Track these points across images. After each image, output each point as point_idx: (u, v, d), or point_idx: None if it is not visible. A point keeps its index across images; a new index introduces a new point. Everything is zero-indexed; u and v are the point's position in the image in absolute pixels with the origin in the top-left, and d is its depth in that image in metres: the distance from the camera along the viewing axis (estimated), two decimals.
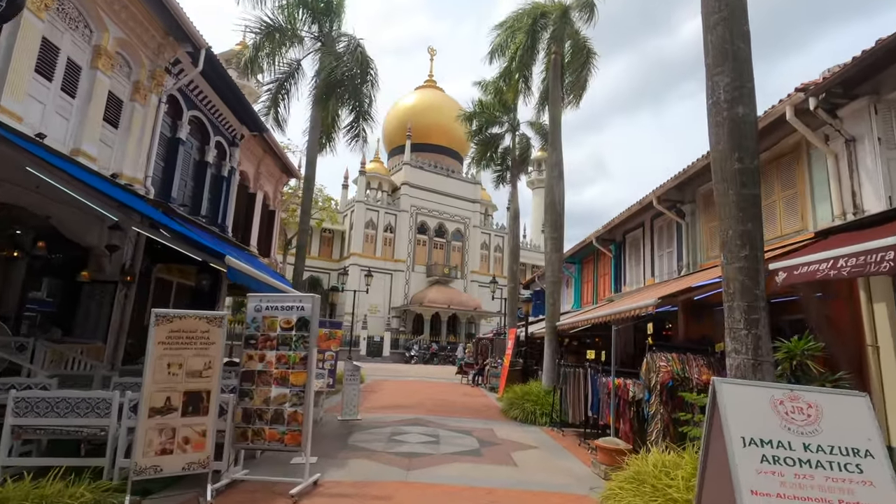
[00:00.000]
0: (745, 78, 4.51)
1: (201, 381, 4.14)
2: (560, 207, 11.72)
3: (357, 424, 8.41)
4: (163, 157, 10.80)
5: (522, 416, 9.87)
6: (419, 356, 33.33)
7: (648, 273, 13.21)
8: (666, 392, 6.03)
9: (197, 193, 12.40)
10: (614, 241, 15.56)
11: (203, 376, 4.16)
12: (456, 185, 43.49)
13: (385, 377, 19.93)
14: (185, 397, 4.05)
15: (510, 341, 14.69)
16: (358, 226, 38.58)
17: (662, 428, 5.96)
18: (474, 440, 7.58)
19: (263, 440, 4.64)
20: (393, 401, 12.26)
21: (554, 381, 10.81)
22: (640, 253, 13.86)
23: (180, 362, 4.07)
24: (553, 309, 11.32)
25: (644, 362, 6.43)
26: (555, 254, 11.53)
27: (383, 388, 15.50)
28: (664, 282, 11.27)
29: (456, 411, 10.91)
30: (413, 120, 42.70)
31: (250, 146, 15.47)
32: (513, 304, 17.20)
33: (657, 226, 12.87)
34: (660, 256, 12.68)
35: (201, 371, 4.15)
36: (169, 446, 3.92)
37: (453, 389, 16.19)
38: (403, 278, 39.76)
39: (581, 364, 9.53)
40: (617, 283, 15.33)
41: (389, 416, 9.65)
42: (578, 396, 8.50)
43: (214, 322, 4.30)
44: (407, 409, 10.87)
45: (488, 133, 18.65)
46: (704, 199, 10.63)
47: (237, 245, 13.90)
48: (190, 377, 4.10)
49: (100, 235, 8.59)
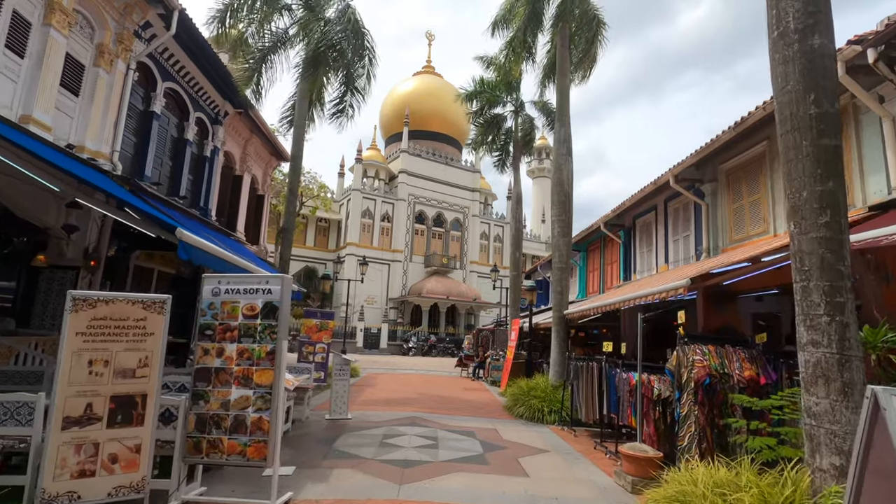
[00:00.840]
0: (820, 1, 3.59)
1: (135, 382, 3.26)
2: (568, 187, 10.81)
3: (346, 424, 7.56)
4: (134, 131, 9.85)
5: (529, 414, 9.04)
6: (417, 348, 32.54)
7: (662, 259, 12.34)
8: (702, 391, 5.16)
9: (176, 173, 11.45)
10: (623, 226, 14.68)
11: (137, 376, 3.28)
12: (455, 173, 42.47)
13: (381, 370, 19.11)
14: (113, 403, 3.17)
15: (513, 333, 13.84)
16: (354, 215, 37.61)
17: (697, 432, 5.11)
18: (477, 443, 6.73)
19: (221, 453, 3.77)
20: (388, 396, 11.43)
21: (562, 376, 9.98)
22: (652, 238, 12.98)
23: (106, 359, 3.18)
24: (560, 297, 10.45)
25: (673, 356, 5.56)
26: (562, 238, 10.64)
27: (379, 382, 14.68)
28: (680, 268, 10.42)
29: (456, 408, 10.07)
30: (411, 106, 41.58)
31: (236, 126, 14.50)
32: (515, 293, 16.34)
33: (672, 208, 11.97)
34: (675, 241, 11.80)
35: (135, 369, 3.27)
36: (90, 466, 3.05)
37: (453, 383, 15.37)
38: (401, 268, 38.88)
39: (591, 357, 8.69)
40: (626, 270, 14.47)
41: (383, 413, 8.81)
42: (592, 393, 7.65)
43: (154, 307, 3.41)
44: (403, 405, 10.03)
45: (490, 114, 17.67)
46: (728, 177, 9.73)
47: (221, 230, 12.99)
48: (119, 377, 3.22)
49: (57, 215, 7.67)
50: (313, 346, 12.98)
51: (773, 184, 8.35)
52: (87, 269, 8.29)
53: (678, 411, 5.44)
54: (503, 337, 18.15)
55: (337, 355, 8.18)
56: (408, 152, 40.09)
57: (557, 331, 10.27)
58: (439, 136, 43.49)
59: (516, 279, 16.48)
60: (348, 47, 10.67)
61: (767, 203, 8.49)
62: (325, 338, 13.20)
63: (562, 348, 10.17)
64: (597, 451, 6.65)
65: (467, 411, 9.76)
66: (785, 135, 3.64)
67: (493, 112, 17.70)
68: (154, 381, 3.34)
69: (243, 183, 15.11)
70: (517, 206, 17.04)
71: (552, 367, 10.17)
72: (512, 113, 17.74)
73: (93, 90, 8.39)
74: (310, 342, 12.97)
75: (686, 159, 10.01)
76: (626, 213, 14.27)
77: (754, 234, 8.78)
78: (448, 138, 44.12)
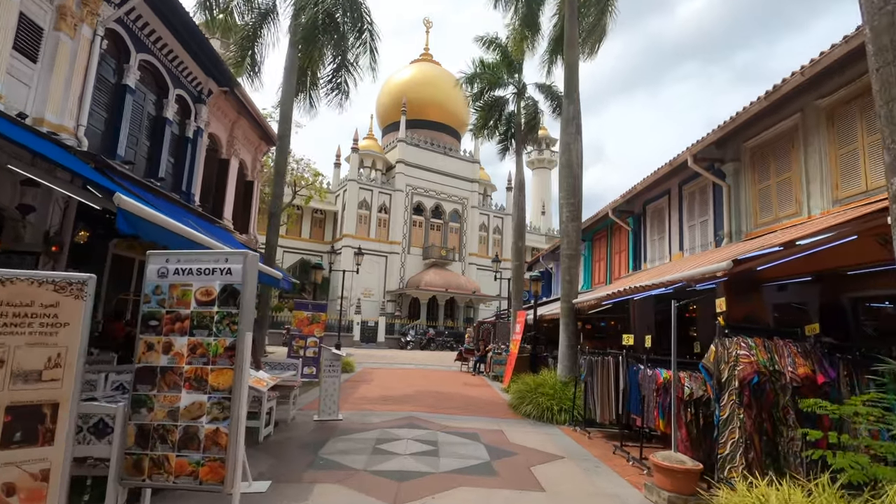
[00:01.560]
0: None
1: (41, 387, 2.47)
2: (578, 168, 10.02)
3: (336, 427, 6.80)
4: (105, 105, 9.00)
5: (536, 413, 8.29)
6: (416, 342, 31.82)
7: (676, 246, 11.58)
8: (749, 391, 4.41)
9: (154, 154, 10.61)
10: (632, 213, 13.90)
11: (45, 380, 2.49)
12: (453, 163, 41.57)
13: (378, 365, 18.37)
14: (9, 416, 2.39)
15: (518, 325, 13.09)
16: (351, 206, 36.74)
17: (744, 440, 4.36)
18: (482, 448, 5.98)
19: (167, 474, 2.99)
20: (384, 393, 10.68)
21: (572, 371, 9.24)
22: (664, 224, 12.21)
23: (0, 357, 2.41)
24: (570, 286, 9.69)
25: (711, 350, 4.81)
26: (571, 222, 9.85)
27: (375, 377, 13.93)
28: (697, 256, 9.66)
29: (457, 406, 9.33)
30: (408, 95, 40.59)
31: (221, 106, 13.63)
32: (518, 284, 15.58)
33: (687, 192, 11.19)
34: (690, 227, 11.03)
35: (41, 371, 2.48)
36: None
37: (453, 379, 14.64)
38: (399, 261, 38.08)
39: (603, 350, 7.95)
40: (636, 259, 13.71)
41: (378, 413, 8.06)
42: (608, 391, 6.90)
43: (70, 290, 2.62)
44: (399, 403, 9.28)
45: (491, 97, 16.81)
46: (753, 155, 8.95)
47: (205, 216, 12.17)
48: (19, 382, 2.43)
49: (11, 194, 6.85)
50: (304, 339, 12.22)
51: (807, 160, 7.57)
52: (49, 254, 7.47)
53: (717, 414, 4.69)
54: (505, 330, 17.41)
55: (327, 350, 7.41)
56: (405, 142, 39.15)
57: (566, 322, 9.51)
58: (437, 125, 42.54)
59: (519, 269, 15.71)
60: (342, 16, 9.82)
61: (800, 182, 7.71)
62: (317, 331, 12.44)
63: (571, 341, 9.42)
64: (617, 457, 5.91)
65: (469, 410, 9.02)
66: (884, 68, 2.84)
67: (494, 95, 16.84)
68: (70, 387, 2.55)
69: (230, 167, 14.26)
70: (520, 194, 16.24)
71: (561, 362, 9.42)
72: (514, 96, 16.88)
73: (53, 57, 7.53)
74: (301, 336, 12.21)
75: (706, 137, 9.23)
76: (636, 199, 13.49)
77: (784, 217, 8.01)
78: (446, 128, 43.18)
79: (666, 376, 5.46)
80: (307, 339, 12.17)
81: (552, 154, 55.92)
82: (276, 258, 34.40)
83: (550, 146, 55.81)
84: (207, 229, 11.38)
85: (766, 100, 7.50)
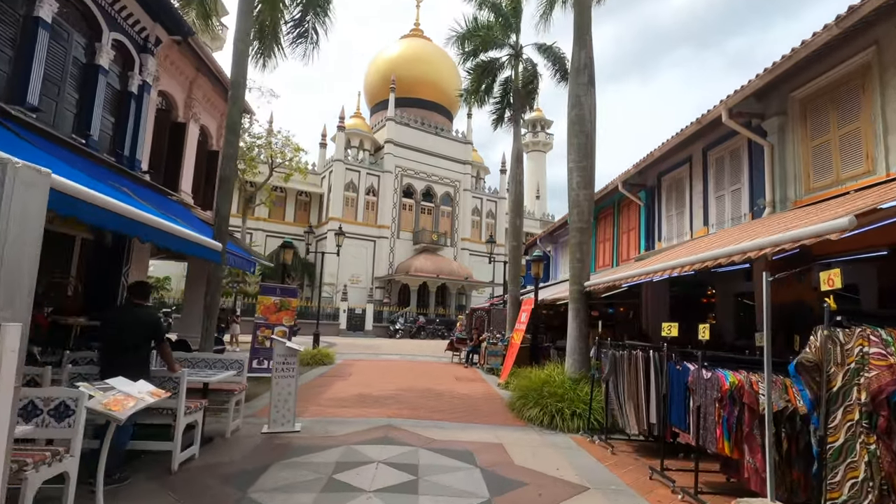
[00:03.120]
0: None
1: None
2: (590, 126, 8.43)
3: (288, 444, 5.25)
4: (9, 40, 7.23)
5: (543, 418, 6.80)
6: (405, 330, 30.35)
7: (699, 222, 10.08)
8: (889, 411, 2.90)
9: (84, 108, 8.84)
10: (645, 186, 12.38)
11: None
12: (445, 144, 39.75)
13: (361, 356, 16.84)
14: None
15: (524, 313, 11.56)
16: (337, 187, 34.91)
17: (875, 483, 2.87)
18: (478, 475, 4.47)
19: None
20: (361, 390, 9.15)
21: (584, 366, 7.76)
22: (684, 197, 10.70)
23: None
24: (581, 266, 8.17)
25: (812, 345, 3.28)
26: (583, 190, 8.30)
27: (354, 370, 12.40)
28: (730, 231, 8.16)
29: (447, 409, 7.83)
30: (397, 72, 38.57)
31: (176, 60, 11.82)
32: (515, 267, 14.05)
33: (714, 157, 9.66)
34: (718, 198, 9.52)
35: None
36: None
37: (443, 372, 13.15)
38: (388, 245, 36.42)
39: (616, 340, 6.47)
40: (648, 238, 12.22)
41: (348, 420, 6.52)
42: (637, 394, 5.42)
43: None
44: (377, 405, 7.76)
45: (485, 58, 15.09)
46: (804, 106, 7.40)
47: (154, 187, 10.45)
48: None
49: None
50: (271, 329, 10.65)
51: (885, 104, 6.04)
52: None
53: (818, 437, 3.19)
54: (500, 318, 15.92)
55: (279, 343, 5.82)
56: (394, 121, 37.24)
57: (577, 309, 8.00)
58: (429, 104, 40.64)
59: (516, 251, 14.17)
60: None
61: (873, 132, 6.19)
62: (287, 319, 10.87)
63: (582, 331, 7.92)
64: (657, 486, 4.42)
65: (461, 413, 7.52)
66: None
67: (488, 56, 15.13)
68: None
69: (188, 133, 12.48)
70: (517, 166, 14.64)
71: (570, 355, 7.93)
72: (510, 58, 15.19)
73: None
74: (266, 324, 10.64)
75: (745, 86, 7.67)
76: (649, 170, 11.95)
77: (849, 178, 6.50)
78: (438, 107, 41.29)
79: (733, 381, 3.95)
80: (274, 328, 10.60)
81: (547, 136, 54.25)
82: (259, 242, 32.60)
83: (545, 128, 54.10)
84: (158, 203, 9.69)
85: (836, 26, 5.92)
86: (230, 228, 19.27)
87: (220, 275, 7.83)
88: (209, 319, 7.73)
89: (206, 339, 7.64)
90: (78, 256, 10.06)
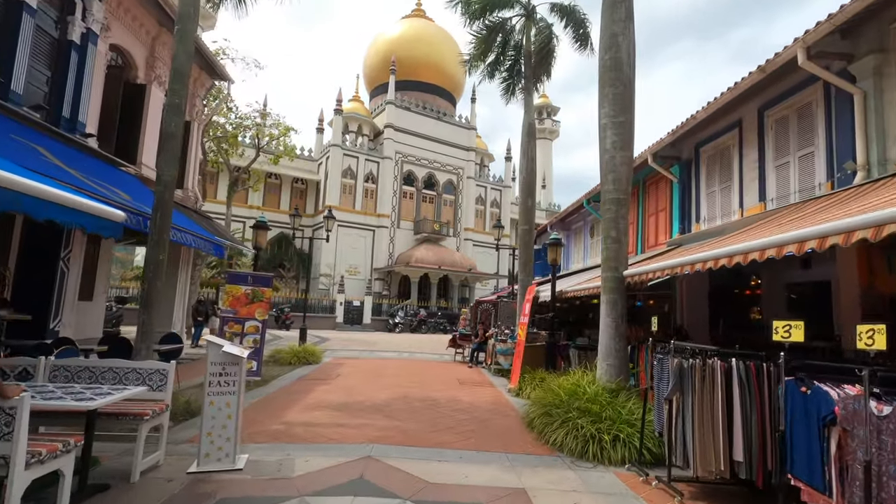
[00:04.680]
0: None
1: None
2: (629, 71, 6.73)
3: (218, 491, 3.63)
4: None
5: (573, 444, 5.16)
6: (405, 324, 28.76)
7: (752, 197, 8.38)
8: None
9: (3, 56, 7.19)
10: (679, 159, 10.66)
11: None
12: (448, 129, 37.91)
13: (354, 353, 15.24)
14: None
15: (527, 305, 9.92)
16: (334, 174, 33.20)
17: None
18: None
19: None
20: (344, 399, 7.54)
21: (621, 371, 6.13)
22: (731, 169, 9.00)
23: None
24: (618, 247, 6.50)
25: None
26: (620, 152, 6.60)
27: (342, 372, 10.79)
28: (789, 207, 6.47)
29: (447, 426, 6.21)
30: (398, 53, 36.68)
31: (134, 11, 10.13)
32: (526, 252, 12.38)
33: (773, 118, 7.94)
34: (780, 167, 7.82)
35: None
36: None
37: (444, 373, 11.53)
38: (387, 235, 34.75)
39: (647, 338, 4.86)
40: (683, 220, 10.51)
41: (316, 448, 4.91)
42: (714, 421, 3.77)
43: None
44: (360, 421, 6.14)
45: (493, 18, 13.31)
46: None
47: (99, 155, 8.81)
48: None
49: None
50: (241, 324, 9.04)
51: None
52: None
53: None
54: (508, 311, 14.28)
55: (213, 346, 4.18)
56: (394, 104, 35.43)
57: (612, 301, 6.33)
58: (431, 87, 38.79)
59: (527, 235, 12.49)
60: None
61: None
62: (260, 312, 9.22)
63: (619, 329, 6.26)
64: None
65: (467, 433, 5.89)
66: None
67: (497, 16, 13.34)
68: None
69: (150, 98, 10.81)
70: (530, 141, 12.91)
71: (603, 359, 6.28)
72: (522, 19, 13.41)
73: None
74: (236, 319, 9.01)
75: (831, 17, 5.93)
76: (684, 140, 10.24)
77: None
78: (440, 90, 39.45)
79: None
80: (245, 323, 8.99)
81: (553, 123, 52.32)
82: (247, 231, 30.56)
83: (552, 115, 52.16)
84: (106, 177, 8.06)
85: None
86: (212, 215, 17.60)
87: (160, 257, 6.18)
88: (146, 312, 6.11)
89: (144, 338, 6.01)
90: (21, 237, 8.44)
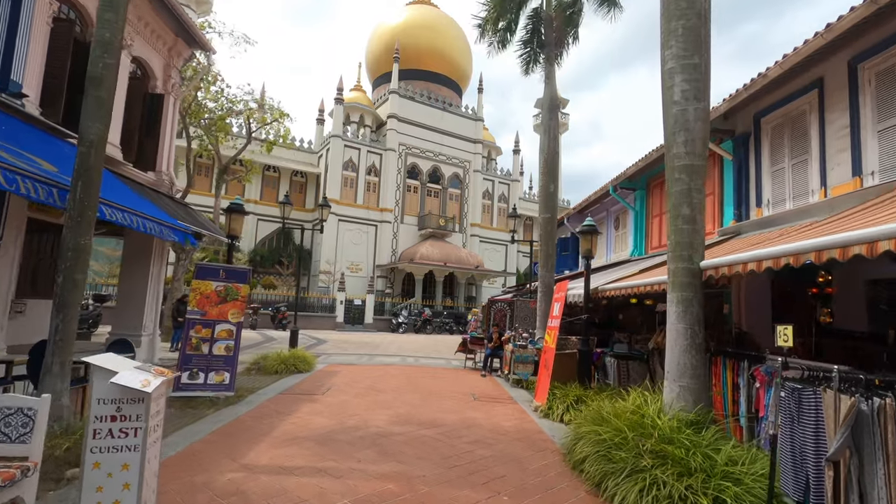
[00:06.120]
0: None
1: None
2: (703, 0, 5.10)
3: None
4: None
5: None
6: (409, 324, 27.21)
7: (841, 172, 6.74)
8: None
9: None
10: (732, 133, 9.03)
11: None
12: (454, 120, 36.26)
13: (352, 359, 13.68)
14: None
15: (556, 304, 8.32)
16: (334, 166, 31.65)
17: None
18: None
19: None
20: (335, 423, 5.96)
21: (700, 397, 4.53)
22: (807, 140, 7.36)
23: None
24: (692, 230, 4.90)
25: None
26: (693, 104, 5.00)
27: (337, 383, 9.23)
28: None
29: (466, 476, 4.62)
30: (402, 41, 35.07)
31: None
32: (548, 244, 10.78)
33: (872, 71, 6.30)
34: (883, 132, 6.18)
35: None
36: None
37: (455, 384, 9.95)
38: (391, 231, 33.19)
39: None
40: (740, 205, 8.87)
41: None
42: None
43: None
44: (347, 471, 4.57)
45: None
46: None
47: (36, 121, 7.25)
48: None
49: None
50: (211, 327, 7.49)
51: None
52: None
53: None
54: (526, 311, 12.68)
55: (99, 373, 2.60)
56: (398, 94, 33.82)
57: (685, 300, 4.73)
58: (436, 76, 37.16)
59: (549, 224, 10.88)
60: None
61: None
62: (234, 314, 7.66)
63: (696, 340, 4.66)
64: None
65: (494, 485, 4.31)
66: None
67: None
68: None
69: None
70: (551, 117, 11.31)
71: (674, 379, 4.68)
72: None
73: None
74: (204, 322, 7.46)
75: None
76: (739, 111, 8.62)
77: None
78: (446, 80, 37.82)
79: None
80: (215, 326, 7.43)
81: (562, 116, 50.53)
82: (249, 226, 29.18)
83: (562, 107, 50.39)
84: (30, 144, 6.51)
85: None
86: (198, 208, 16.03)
87: (81, 241, 4.62)
88: (62, 312, 4.55)
89: (58, 350, 4.46)
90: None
